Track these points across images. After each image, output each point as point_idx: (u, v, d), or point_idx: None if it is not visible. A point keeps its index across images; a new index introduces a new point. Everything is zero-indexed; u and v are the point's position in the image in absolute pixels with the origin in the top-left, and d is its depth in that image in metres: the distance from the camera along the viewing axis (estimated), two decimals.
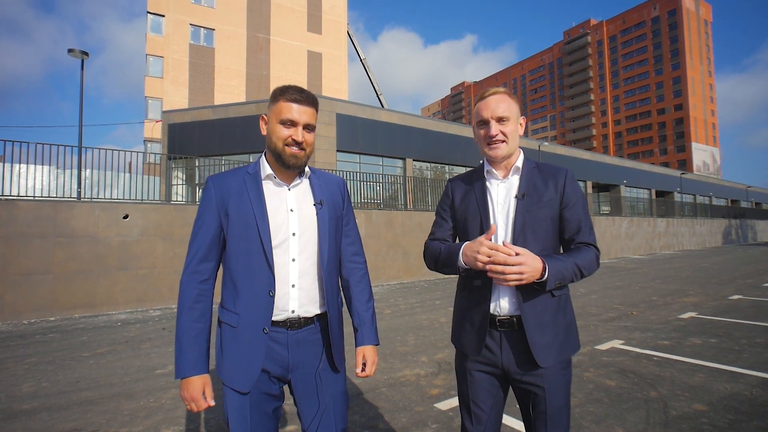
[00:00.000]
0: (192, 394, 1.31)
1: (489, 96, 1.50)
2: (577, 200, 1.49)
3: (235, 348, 1.36)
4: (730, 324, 5.84)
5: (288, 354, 1.40)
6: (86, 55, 10.71)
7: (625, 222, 21.31)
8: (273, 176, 1.43)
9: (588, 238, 1.47)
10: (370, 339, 1.54)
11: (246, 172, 1.45)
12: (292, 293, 1.40)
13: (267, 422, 1.39)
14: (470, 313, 1.53)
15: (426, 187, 14.93)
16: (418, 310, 7.36)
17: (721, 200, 43.26)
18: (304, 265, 1.42)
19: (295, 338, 1.40)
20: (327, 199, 1.50)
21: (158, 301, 8.31)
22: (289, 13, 29.26)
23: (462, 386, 1.57)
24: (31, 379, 4.05)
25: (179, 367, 1.32)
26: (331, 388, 1.46)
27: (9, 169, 8.08)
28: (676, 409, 3.07)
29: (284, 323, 1.39)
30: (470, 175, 1.64)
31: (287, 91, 1.39)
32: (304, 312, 1.42)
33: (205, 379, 1.34)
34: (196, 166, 14.55)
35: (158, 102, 25.12)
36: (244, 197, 1.39)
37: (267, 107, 1.46)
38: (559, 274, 1.34)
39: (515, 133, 1.50)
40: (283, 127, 1.38)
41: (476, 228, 1.52)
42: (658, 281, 10.80)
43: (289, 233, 1.41)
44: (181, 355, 1.32)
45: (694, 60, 76.98)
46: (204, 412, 3.19)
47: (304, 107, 1.40)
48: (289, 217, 1.42)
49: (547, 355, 1.41)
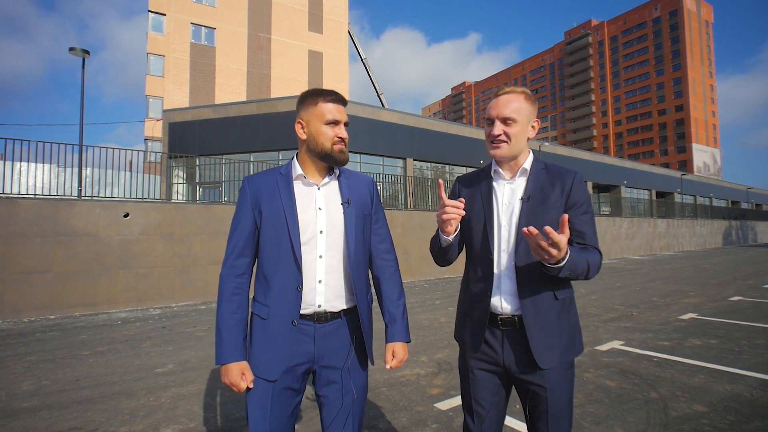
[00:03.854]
0: (231, 380, 1.38)
1: (502, 94, 1.48)
2: (583, 204, 1.46)
3: (264, 339, 1.43)
4: (730, 325, 5.84)
5: (314, 346, 1.46)
6: (87, 54, 10.71)
7: (625, 223, 21.30)
8: (303, 176, 1.50)
9: (592, 242, 1.45)
10: (400, 336, 1.60)
11: (278, 173, 1.52)
12: (319, 288, 1.46)
13: (286, 415, 1.44)
14: (471, 310, 1.54)
15: (426, 187, 14.93)
16: (418, 310, 7.36)
17: (722, 201, 43.25)
18: (330, 261, 1.48)
19: (321, 331, 1.47)
20: (355, 198, 1.54)
21: (158, 300, 8.31)
22: (290, 13, 29.26)
23: (464, 384, 1.58)
24: (31, 378, 4.05)
25: (219, 355, 1.40)
26: (356, 382, 1.51)
27: (9, 168, 8.09)
28: (676, 410, 3.07)
29: (311, 317, 1.46)
30: (478, 174, 1.63)
31: (323, 94, 1.48)
32: (330, 307, 1.48)
33: (243, 365, 1.41)
34: (197, 165, 14.56)
35: (159, 101, 25.12)
36: (276, 196, 1.47)
37: (299, 111, 1.51)
38: (574, 264, 1.31)
39: (522, 135, 1.47)
40: (329, 128, 1.47)
41: (480, 228, 1.52)
42: (659, 282, 10.80)
43: (317, 231, 1.47)
44: (221, 343, 1.40)
45: (695, 61, 76.93)
46: (204, 411, 3.19)
47: (341, 106, 1.51)
48: (317, 215, 1.48)
49: (549, 356, 1.41)
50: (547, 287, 1.43)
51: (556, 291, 1.44)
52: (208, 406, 3.29)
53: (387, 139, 17.97)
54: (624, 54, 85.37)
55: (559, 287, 1.45)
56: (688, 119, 75.50)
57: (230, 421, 3.00)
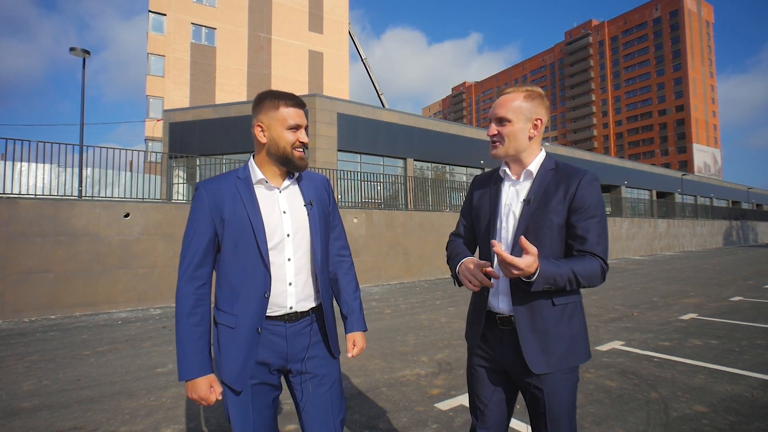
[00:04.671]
0: (200, 394, 1.37)
1: (502, 95, 1.49)
2: (589, 207, 1.38)
3: (233, 348, 1.41)
4: (730, 325, 5.84)
5: (287, 345, 1.46)
6: (88, 54, 10.71)
7: (626, 223, 21.29)
8: (264, 180, 1.47)
9: (594, 248, 1.36)
10: (359, 326, 1.63)
11: (236, 177, 1.48)
12: (290, 291, 1.47)
13: (267, 411, 1.46)
14: (474, 308, 1.57)
15: (427, 187, 14.93)
16: (418, 310, 7.36)
17: (722, 201, 43.22)
18: (298, 263, 1.49)
19: (292, 330, 1.47)
20: (315, 199, 1.55)
21: (159, 300, 8.32)
22: (291, 13, 29.27)
23: (469, 381, 1.60)
24: (32, 377, 4.05)
25: (184, 371, 1.36)
26: (327, 370, 1.52)
27: (10, 168, 8.09)
28: (676, 410, 3.07)
29: (282, 317, 1.46)
30: (491, 174, 1.62)
31: (283, 97, 1.45)
32: (300, 307, 1.49)
33: (211, 378, 1.39)
34: (197, 165, 14.56)
35: (159, 101, 25.14)
36: (238, 201, 1.43)
37: (257, 114, 1.46)
38: (551, 278, 1.27)
39: (518, 134, 1.44)
40: (291, 132, 1.44)
41: (484, 228, 1.53)
42: (659, 282, 10.79)
43: (284, 234, 1.46)
44: (186, 358, 1.37)
45: (695, 61, 76.88)
46: (204, 411, 3.19)
47: (301, 110, 1.47)
48: (282, 218, 1.47)
49: (541, 361, 1.38)
50: (541, 293, 1.36)
51: (553, 297, 1.39)
52: (208, 406, 3.29)
53: (387, 139, 17.97)
54: (624, 54, 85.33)
55: (556, 293, 1.38)
56: (689, 119, 75.45)
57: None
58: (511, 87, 1.49)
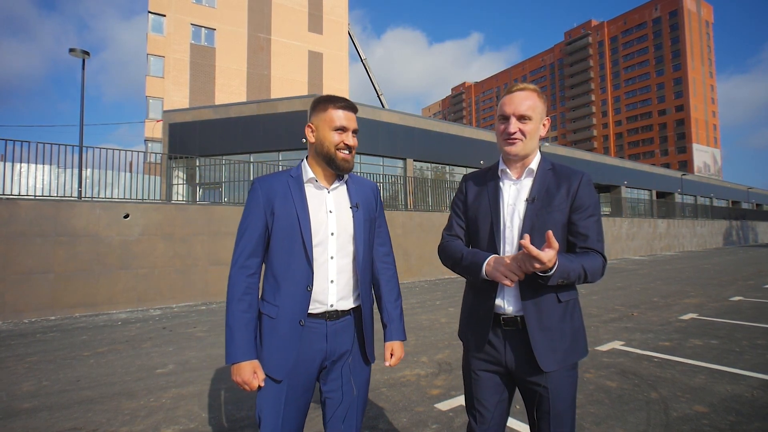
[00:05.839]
0: (244, 378, 1.41)
1: (515, 91, 1.48)
2: (589, 206, 1.45)
3: (273, 338, 1.46)
4: (731, 325, 5.84)
5: (326, 343, 1.50)
6: (87, 55, 10.71)
7: (625, 223, 21.29)
8: (314, 180, 1.54)
9: (596, 245, 1.43)
10: (397, 335, 1.65)
11: (289, 176, 1.56)
12: (331, 288, 1.51)
13: (298, 411, 1.48)
14: (476, 309, 1.54)
15: (426, 187, 14.93)
16: (418, 311, 7.36)
17: (722, 201, 43.22)
18: (341, 262, 1.53)
19: (333, 328, 1.51)
20: (362, 203, 1.60)
21: (159, 301, 8.32)
22: (290, 13, 29.27)
23: (467, 384, 1.58)
24: (32, 378, 4.05)
25: (231, 354, 1.41)
26: (358, 378, 1.55)
27: (10, 168, 8.09)
28: (676, 410, 3.07)
29: (323, 315, 1.50)
30: (485, 173, 1.62)
31: (333, 100, 1.52)
32: (340, 305, 1.53)
33: (255, 364, 1.44)
34: (197, 165, 14.57)
35: (159, 101, 25.14)
36: (288, 198, 1.50)
37: (311, 116, 1.55)
38: (565, 272, 1.31)
39: (535, 132, 1.47)
40: (336, 134, 1.50)
41: (486, 228, 1.52)
42: (659, 282, 10.79)
43: (328, 233, 1.52)
44: (233, 342, 1.42)
45: (695, 61, 76.92)
46: (204, 411, 3.19)
47: (351, 114, 1.53)
48: (328, 218, 1.53)
49: (551, 359, 1.40)
50: (550, 289, 1.42)
51: (558, 293, 1.43)
52: (208, 407, 3.29)
53: (387, 140, 17.97)
54: (624, 54, 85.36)
55: (562, 290, 1.44)
56: (689, 119, 75.48)
57: (231, 422, 3.00)
58: (520, 84, 1.50)
